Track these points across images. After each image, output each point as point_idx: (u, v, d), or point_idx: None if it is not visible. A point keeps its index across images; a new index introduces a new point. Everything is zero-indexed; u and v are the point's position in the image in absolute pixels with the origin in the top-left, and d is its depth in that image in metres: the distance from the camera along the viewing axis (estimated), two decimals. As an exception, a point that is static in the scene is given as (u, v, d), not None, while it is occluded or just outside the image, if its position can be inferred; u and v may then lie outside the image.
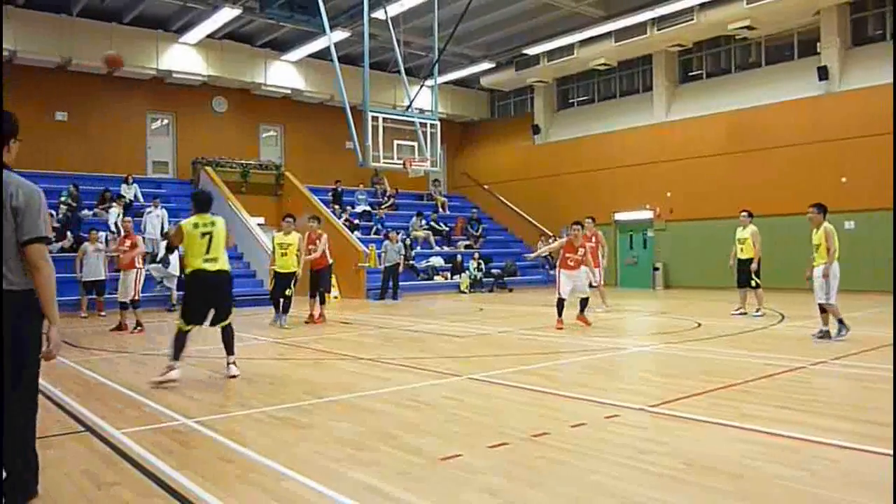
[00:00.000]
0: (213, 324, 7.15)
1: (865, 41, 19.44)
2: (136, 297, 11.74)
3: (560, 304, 11.06)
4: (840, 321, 9.18)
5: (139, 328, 11.70)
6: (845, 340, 8.87)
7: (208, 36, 21.22)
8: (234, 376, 7.00)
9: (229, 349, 7.18)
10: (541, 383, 6.41)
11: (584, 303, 11.32)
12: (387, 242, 19.34)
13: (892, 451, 3.93)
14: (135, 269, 11.72)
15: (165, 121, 23.21)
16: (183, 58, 21.77)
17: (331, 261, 13.04)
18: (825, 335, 9.16)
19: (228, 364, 7.14)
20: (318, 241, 12.84)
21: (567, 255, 11.14)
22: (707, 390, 5.94)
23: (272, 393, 6.36)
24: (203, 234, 7.04)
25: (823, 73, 19.13)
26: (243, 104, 24.16)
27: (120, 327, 11.84)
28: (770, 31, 20.33)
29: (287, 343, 10.01)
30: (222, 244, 7.22)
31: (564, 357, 8.20)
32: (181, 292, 8.60)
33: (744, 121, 20.67)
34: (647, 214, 23.01)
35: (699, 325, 11.35)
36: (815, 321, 10.15)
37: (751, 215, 13.54)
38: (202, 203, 7.38)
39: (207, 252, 7.02)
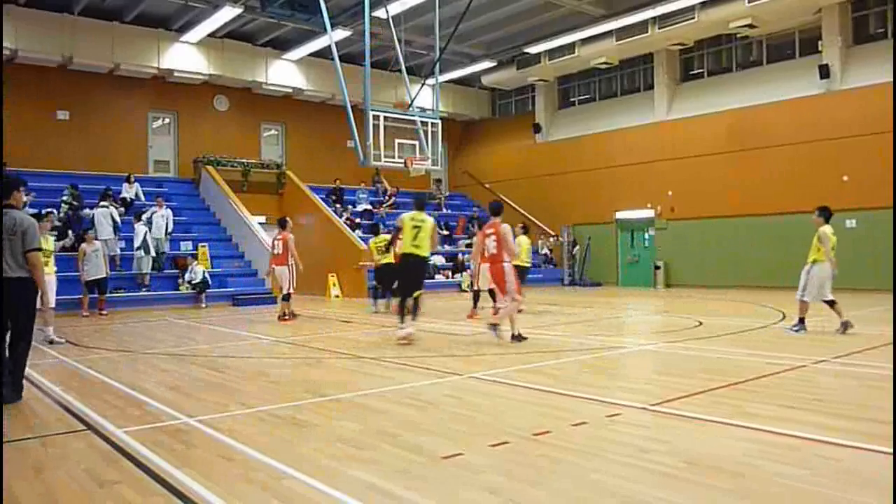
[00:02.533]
0: (407, 295, 9.38)
1: (867, 39, 19.42)
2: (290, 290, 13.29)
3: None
4: (801, 320, 9.71)
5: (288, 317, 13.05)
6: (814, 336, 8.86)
7: (209, 35, 21.24)
8: (403, 338, 9.14)
9: (414, 315, 9.42)
10: (542, 382, 6.40)
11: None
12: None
13: (892, 450, 3.93)
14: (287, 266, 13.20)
15: (167, 120, 23.22)
16: (184, 57, 21.78)
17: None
18: (846, 326, 9.44)
19: (404, 328, 9.25)
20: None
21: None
22: (708, 389, 5.94)
23: (273, 392, 6.36)
24: (414, 227, 9.48)
25: (825, 72, 19.11)
26: (244, 103, 24.17)
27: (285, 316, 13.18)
28: (771, 29, 20.32)
29: (288, 342, 10.02)
30: (427, 237, 9.52)
31: (565, 356, 8.20)
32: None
33: (745, 119, 20.67)
34: (648, 213, 23.01)
35: (700, 323, 11.34)
36: (817, 320, 10.14)
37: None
38: (419, 204, 9.97)
39: (415, 240, 9.42)
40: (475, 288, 13.53)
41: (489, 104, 29.98)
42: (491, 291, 11.23)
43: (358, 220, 22.70)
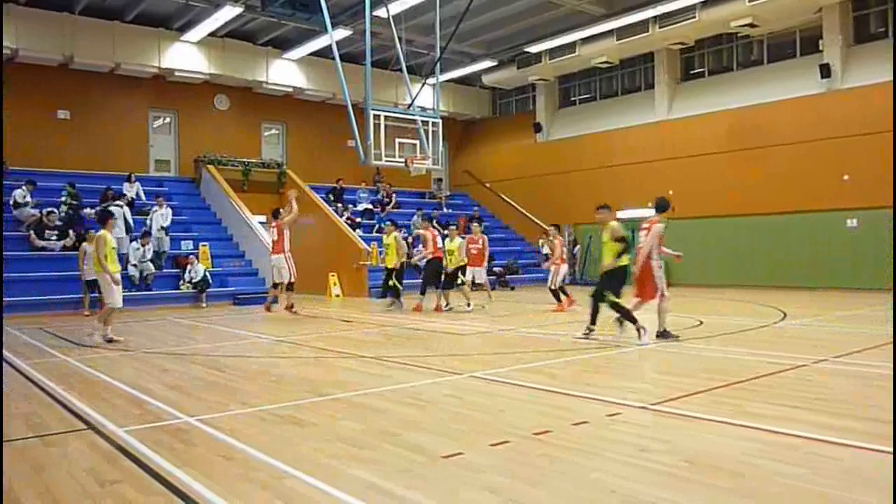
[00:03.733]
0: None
1: (867, 39, 19.40)
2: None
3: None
4: None
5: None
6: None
7: (210, 34, 21.24)
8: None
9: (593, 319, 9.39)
10: (542, 381, 6.41)
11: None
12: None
13: (892, 450, 3.93)
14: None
15: (167, 119, 23.23)
16: (185, 56, 21.78)
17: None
18: None
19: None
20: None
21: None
22: (708, 388, 5.94)
23: (273, 391, 6.37)
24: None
25: (825, 71, 19.10)
26: (245, 102, 24.17)
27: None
28: (772, 28, 20.30)
29: (289, 341, 10.02)
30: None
31: (566, 355, 8.20)
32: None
33: (746, 119, 20.65)
34: (648, 212, 22.96)
35: (700, 322, 11.35)
36: (819, 319, 10.14)
37: None
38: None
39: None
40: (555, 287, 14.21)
41: (490, 103, 29.97)
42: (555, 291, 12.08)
43: (359, 220, 22.70)
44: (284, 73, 23.78)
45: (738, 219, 20.63)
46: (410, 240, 22.71)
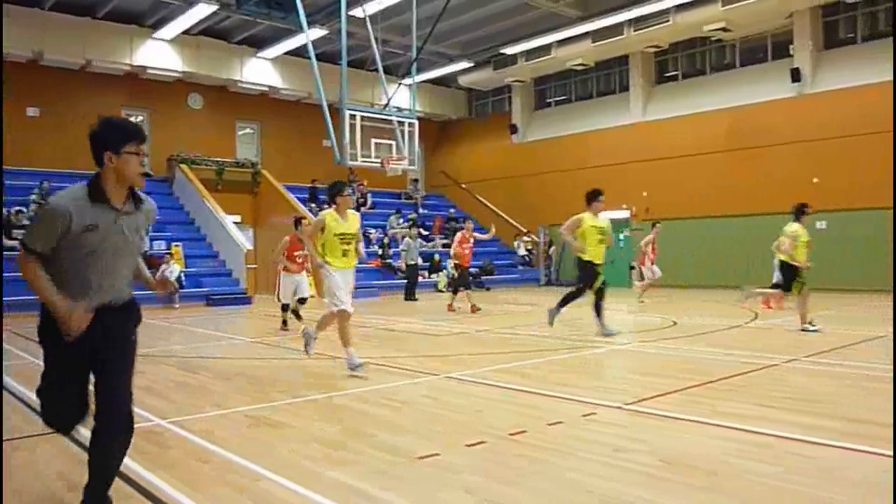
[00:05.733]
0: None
1: (837, 44, 19.75)
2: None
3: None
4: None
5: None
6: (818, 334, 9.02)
7: (184, 32, 21.01)
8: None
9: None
10: (519, 382, 6.43)
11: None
12: (408, 240, 19.17)
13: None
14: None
15: (140, 117, 22.91)
16: (158, 53, 21.53)
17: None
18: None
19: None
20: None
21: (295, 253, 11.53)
22: (683, 388, 6.00)
23: (248, 393, 6.31)
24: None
25: (796, 75, 19.41)
26: (219, 101, 23.95)
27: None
28: (744, 33, 20.59)
29: (264, 343, 9.94)
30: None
31: (542, 355, 8.23)
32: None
33: (718, 121, 20.92)
34: (623, 214, 23.17)
35: (675, 323, 11.45)
36: (789, 319, 10.29)
37: None
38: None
39: None
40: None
41: (466, 104, 30.01)
42: None
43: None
44: (259, 71, 23.61)
45: (711, 220, 20.88)
46: (386, 240, 22.70)
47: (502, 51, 23.59)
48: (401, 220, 24.08)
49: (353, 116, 15.71)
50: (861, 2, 18.44)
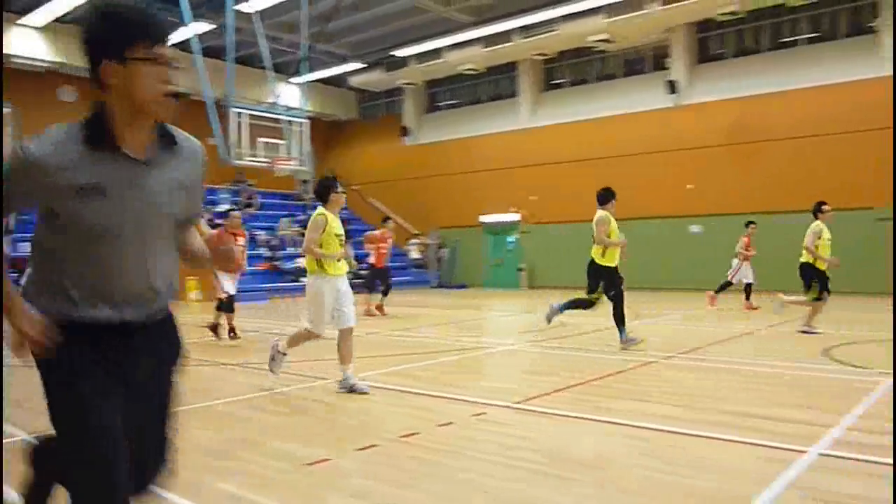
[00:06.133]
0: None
1: (710, 59, 21.04)
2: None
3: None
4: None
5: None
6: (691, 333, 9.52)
7: (56, 19, 19.67)
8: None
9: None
10: (409, 384, 6.42)
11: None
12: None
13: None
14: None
15: (5, 110, 21.26)
16: (26, 41, 20.05)
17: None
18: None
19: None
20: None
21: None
22: (569, 386, 6.18)
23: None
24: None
25: (672, 87, 20.52)
26: (95, 94, 22.53)
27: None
28: (626, 45, 21.55)
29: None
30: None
31: (433, 357, 8.26)
32: None
33: (601, 129, 21.79)
34: (513, 217, 23.71)
35: (562, 323, 11.79)
36: (666, 318, 10.81)
37: None
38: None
39: None
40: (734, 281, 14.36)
41: (357, 105, 29.79)
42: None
43: (219, 222, 21.81)
44: (139, 65, 22.44)
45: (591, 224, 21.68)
46: (276, 242, 22.16)
47: (394, 53, 23.57)
48: (293, 223, 23.57)
49: (240, 114, 15.26)
50: (731, 21, 19.72)
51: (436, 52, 23.21)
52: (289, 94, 22.00)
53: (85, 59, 1.99)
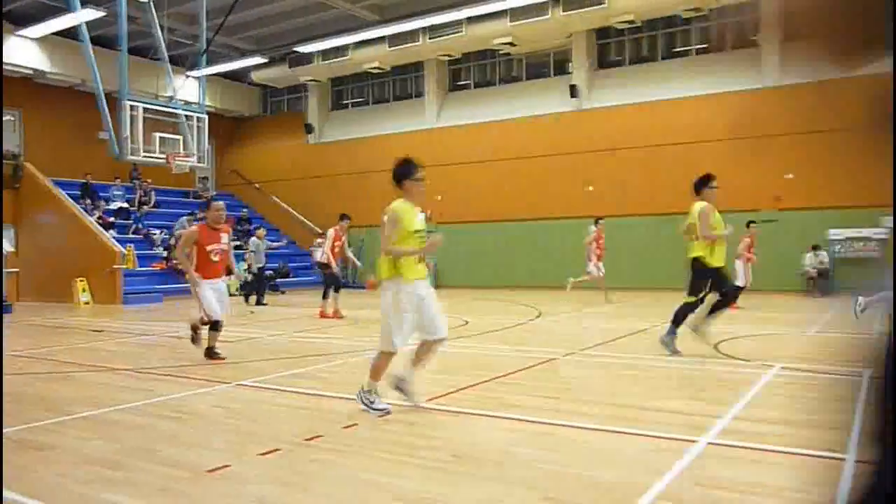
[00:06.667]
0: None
1: (609, 65, 21.80)
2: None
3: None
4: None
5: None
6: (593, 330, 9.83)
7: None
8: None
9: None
10: (313, 386, 6.33)
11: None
12: (255, 240, 17.56)
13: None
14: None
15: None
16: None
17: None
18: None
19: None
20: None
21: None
22: (473, 384, 6.25)
23: (10, 413, 5.58)
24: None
25: (574, 91, 21.13)
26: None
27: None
28: (529, 49, 22.02)
29: (27, 355, 8.87)
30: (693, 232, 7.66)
31: (337, 358, 8.17)
32: None
33: (506, 130, 22.18)
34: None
35: (466, 322, 11.93)
36: (568, 316, 11.12)
37: None
38: None
39: None
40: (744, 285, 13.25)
41: (260, 101, 29.09)
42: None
43: (112, 220, 20.81)
44: (22, 52, 21.06)
45: (500, 224, 22.07)
46: (173, 241, 21.30)
47: (298, 49, 23.16)
48: (192, 222, 22.72)
49: (134, 108, 14.59)
50: (629, 29, 20.50)
51: (341, 50, 22.97)
52: (187, 87, 21.22)
53: None
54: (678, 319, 7.79)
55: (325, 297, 13.20)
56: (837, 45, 0.96)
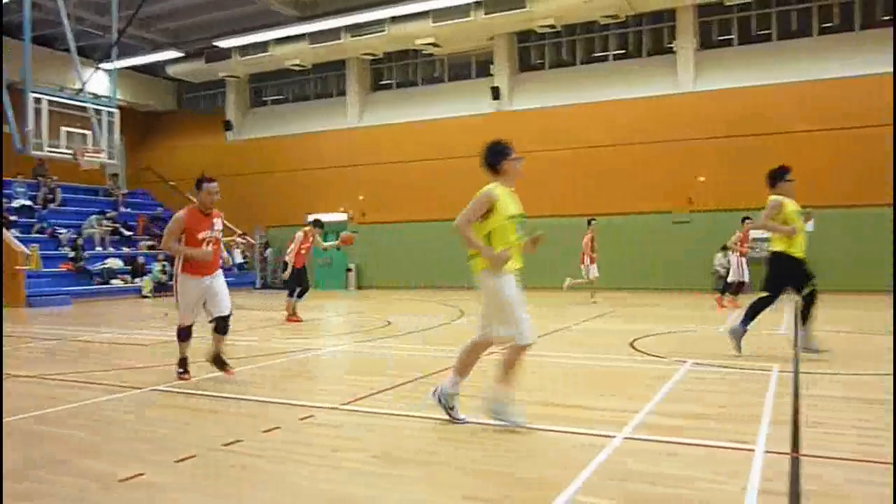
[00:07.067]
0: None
1: (531, 68, 22.17)
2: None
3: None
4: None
5: None
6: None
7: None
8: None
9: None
10: (233, 390, 6.17)
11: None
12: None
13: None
14: None
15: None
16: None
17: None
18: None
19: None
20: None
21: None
22: (396, 385, 6.24)
23: None
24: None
25: (496, 93, 21.39)
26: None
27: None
28: (452, 50, 22.17)
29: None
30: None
31: (258, 361, 8.00)
32: None
33: (429, 131, 22.25)
34: (341, 216, 23.55)
35: (389, 322, 11.90)
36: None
37: None
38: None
39: None
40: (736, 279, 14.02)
41: (175, 96, 28.17)
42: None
43: (14, 218, 19.73)
44: (-87, 38, 19.71)
45: (424, 224, 22.11)
46: (80, 241, 20.39)
47: (216, 43, 22.56)
48: (102, 220, 21.80)
49: (38, 100, 13.86)
50: (549, 33, 20.90)
51: (261, 46, 22.52)
52: (97, 80, 20.32)
53: None
54: (752, 314, 7.43)
55: (290, 296, 12.43)
56: None
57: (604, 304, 14.93)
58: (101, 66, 18.21)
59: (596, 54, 21.34)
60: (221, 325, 6.82)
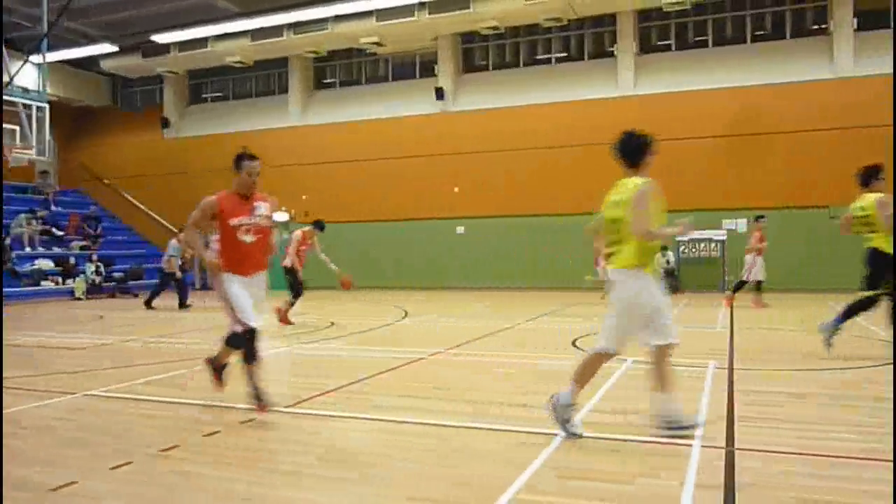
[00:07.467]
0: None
1: (475, 69, 22.28)
2: None
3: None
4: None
5: None
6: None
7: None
8: None
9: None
10: (171, 394, 6.01)
11: None
12: (174, 242, 15.99)
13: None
14: None
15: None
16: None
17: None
18: None
19: None
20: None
21: None
22: (340, 386, 6.18)
23: None
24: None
25: (440, 94, 21.43)
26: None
27: None
28: (396, 49, 22.11)
29: None
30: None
31: (197, 364, 7.82)
32: None
33: (372, 130, 22.14)
34: (283, 216, 23.18)
35: (332, 323, 11.79)
36: (434, 315, 11.24)
37: None
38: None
39: None
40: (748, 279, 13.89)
41: (110, 92, 27.31)
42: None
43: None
44: None
45: (368, 224, 21.99)
46: (8, 241, 19.58)
47: (153, 38, 21.95)
48: (32, 219, 20.96)
49: (-37, 93, 13.26)
50: (493, 35, 21.05)
51: (200, 41, 22.02)
52: (26, 74, 19.56)
53: None
54: (850, 313, 7.20)
55: (294, 298, 11.88)
56: None
57: (550, 303, 15.12)
58: (31, 58, 17.51)
59: (539, 56, 21.60)
60: (249, 350, 5.27)
